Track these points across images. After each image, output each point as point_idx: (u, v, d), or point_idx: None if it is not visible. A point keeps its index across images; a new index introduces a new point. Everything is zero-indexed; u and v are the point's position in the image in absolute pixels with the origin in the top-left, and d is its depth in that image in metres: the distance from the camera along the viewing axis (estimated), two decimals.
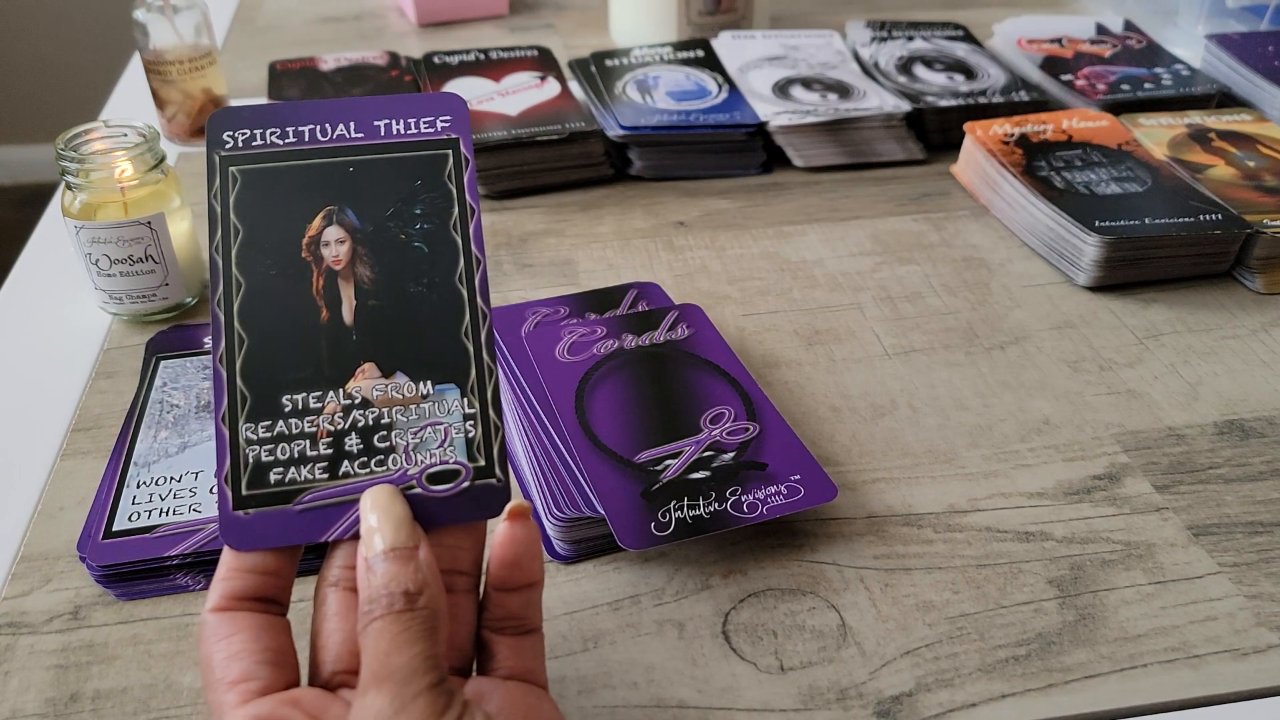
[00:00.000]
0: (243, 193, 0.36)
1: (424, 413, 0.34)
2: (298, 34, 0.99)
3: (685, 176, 0.74)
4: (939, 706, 0.38)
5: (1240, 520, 0.46)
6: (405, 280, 0.35)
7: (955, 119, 0.75)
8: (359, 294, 0.35)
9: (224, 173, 0.36)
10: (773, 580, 0.43)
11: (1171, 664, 0.40)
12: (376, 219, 0.36)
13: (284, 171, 0.36)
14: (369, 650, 0.29)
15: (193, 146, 0.77)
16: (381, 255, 0.35)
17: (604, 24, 1.01)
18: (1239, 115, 0.74)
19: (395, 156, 0.37)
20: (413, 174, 0.36)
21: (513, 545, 0.33)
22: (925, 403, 0.53)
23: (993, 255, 0.65)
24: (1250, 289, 0.62)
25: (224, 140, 0.36)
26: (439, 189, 0.36)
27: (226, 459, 0.33)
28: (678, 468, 0.44)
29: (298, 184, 0.36)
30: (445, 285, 0.35)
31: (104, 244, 0.54)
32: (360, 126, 0.37)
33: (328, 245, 0.35)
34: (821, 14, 1.05)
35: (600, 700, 0.38)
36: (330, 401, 0.34)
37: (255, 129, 0.37)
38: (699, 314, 0.53)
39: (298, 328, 0.34)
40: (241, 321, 0.34)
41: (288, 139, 0.37)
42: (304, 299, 0.35)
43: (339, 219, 0.36)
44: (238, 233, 0.35)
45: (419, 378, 0.34)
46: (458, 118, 0.37)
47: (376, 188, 0.36)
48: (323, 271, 0.35)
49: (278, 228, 0.35)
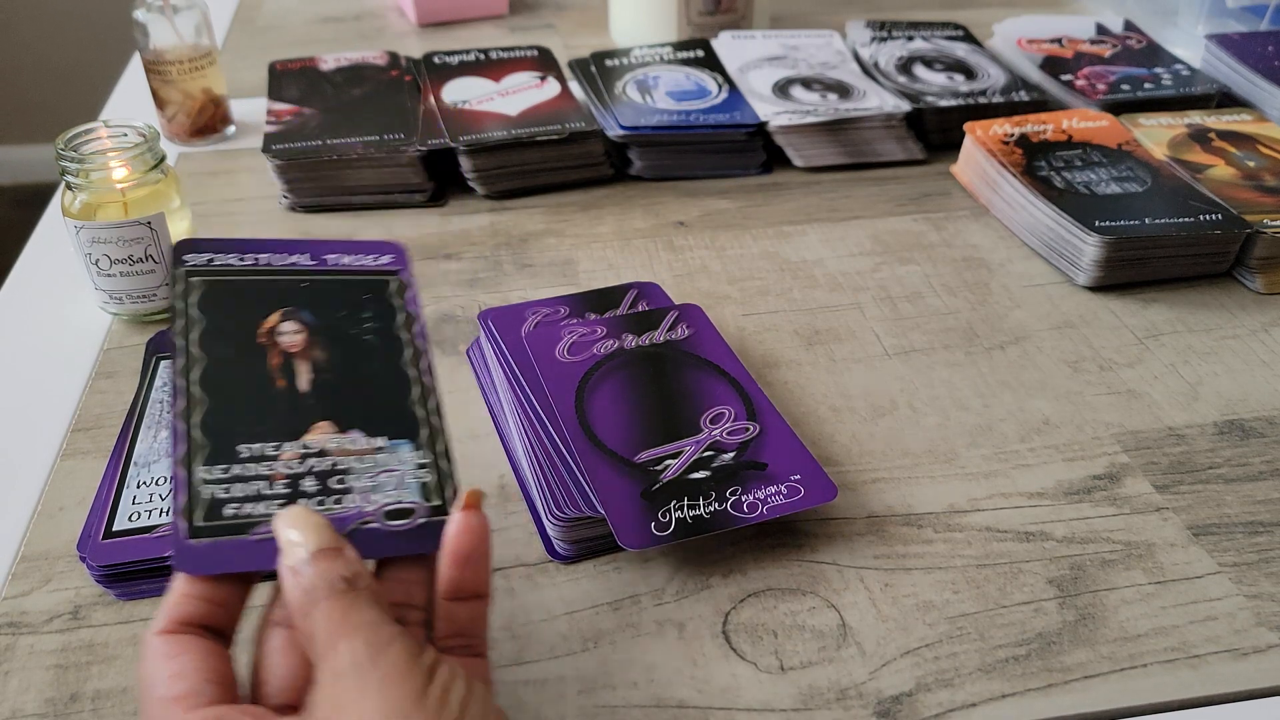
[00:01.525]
0: (205, 295, 0.39)
1: (379, 462, 0.37)
2: (298, 34, 0.99)
3: (685, 176, 0.74)
4: (939, 706, 0.38)
5: (1240, 520, 0.46)
6: (356, 361, 0.39)
7: (955, 119, 0.75)
8: (314, 369, 0.38)
9: (186, 281, 0.39)
10: (773, 580, 0.43)
11: (1171, 664, 0.40)
12: (329, 319, 0.40)
13: (243, 282, 0.40)
14: (321, 623, 0.30)
15: (193, 146, 0.77)
16: (334, 343, 0.39)
17: (604, 24, 1.01)
18: (1239, 115, 0.74)
19: (345, 278, 0.41)
20: (361, 290, 0.41)
21: (468, 535, 0.34)
22: (925, 403, 0.53)
23: (993, 255, 0.65)
24: (1250, 289, 0.62)
25: (185, 260, 0.40)
26: (384, 303, 0.41)
27: (183, 496, 0.34)
28: (678, 468, 0.44)
29: (256, 291, 0.40)
30: (393, 367, 0.39)
31: (104, 244, 0.54)
32: (313, 258, 0.41)
33: (284, 334, 0.39)
34: (821, 14, 1.05)
35: (600, 700, 0.38)
36: (287, 450, 0.36)
37: (215, 254, 0.40)
38: (699, 314, 0.53)
39: (254, 392, 0.37)
40: (201, 386, 0.37)
41: (244, 261, 0.41)
42: (261, 371, 0.38)
43: (295, 316, 0.39)
44: (199, 323, 0.38)
45: (373, 434, 0.37)
46: (399, 257, 0.42)
47: (328, 297, 0.40)
48: (279, 353, 0.38)
49: (236, 319, 0.39)
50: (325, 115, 0.73)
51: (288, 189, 0.69)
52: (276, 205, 0.70)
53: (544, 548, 0.44)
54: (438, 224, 0.68)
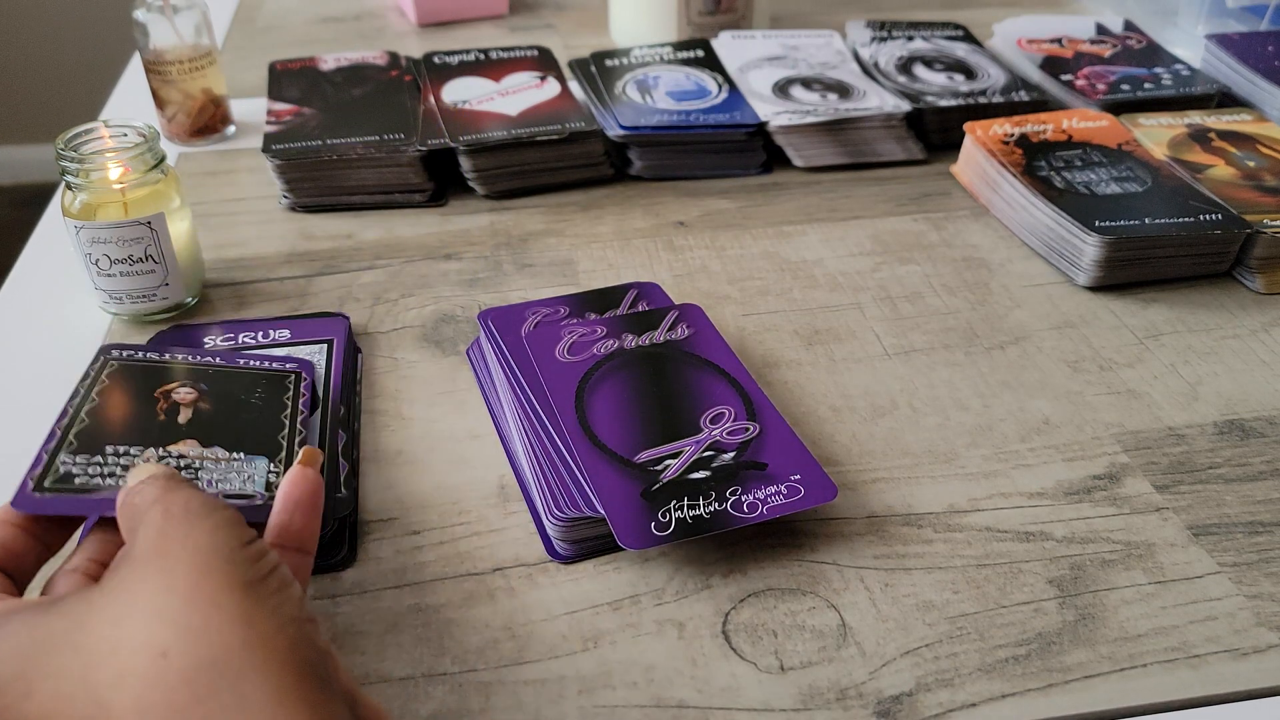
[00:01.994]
0: (117, 370, 0.46)
1: (232, 467, 0.42)
2: (298, 34, 0.99)
3: (685, 176, 0.74)
4: (939, 706, 0.38)
5: (1240, 520, 0.46)
6: (237, 412, 0.45)
7: (955, 119, 0.75)
8: (196, 413, 0.44)
9: (104, 364, 0.46)
10: (773, 580, 0.43)
11: (1171, 664, 0.40)
12: (223, 389, 0.46)
13: (155, 366, 0.47)
14: (149, 492, 0.33)
15: (193, 146, 0.77)
16: (221, 402, 0.45)
17: (604, 24, 1.01)
18: (1239, 115, 0.74)
19: (249, 371, 0.48)
20: (260, 378, 0.47)
21: (301, 482, 0.36)
22: (925, 403, 0.53)
23: (993, 255, 0.65)
24: (1250, 289, 0.62)
25: (111, 353, 0.46)
26: (280, 384, 0.47)
27: (39, 468, 0.39)
28: (678, 468, 0.44)
29: (164, 370, 0.46)
30: (270, 417, 0.45)
31: (104, 244, 0.54)
32: (226, 360, 0.48)
33: (177, 393, 0.45)
34: (821, 14, 1.05)
35: (600, 700, 0.38)
36: (147, 452, 0.41)
37: (140, 352, 0.47)
38: (699, 314, 0.53)
39: (133, 422, 0.43)
40: (88, 414, 0.42)
41: (164, 356, 0.47)
42: (145, 413, 0.43)
43: (192, 384, 0.46)
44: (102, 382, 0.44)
45: (234, 449, 0.42)
46: (305, 368, 0.49)
47: (229, 380, 0.47)
48: (168, 402, 0.44)
49: (138, 383, 0.45)
50: (325, 115, 0.73)
51: (287, 189, 0.69)
52: (276, 205, 0.70)
53: (544, 548, 0.44)
54: (438, 224, 0.68)
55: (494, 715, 0.37)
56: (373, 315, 0.59)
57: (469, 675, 0.39)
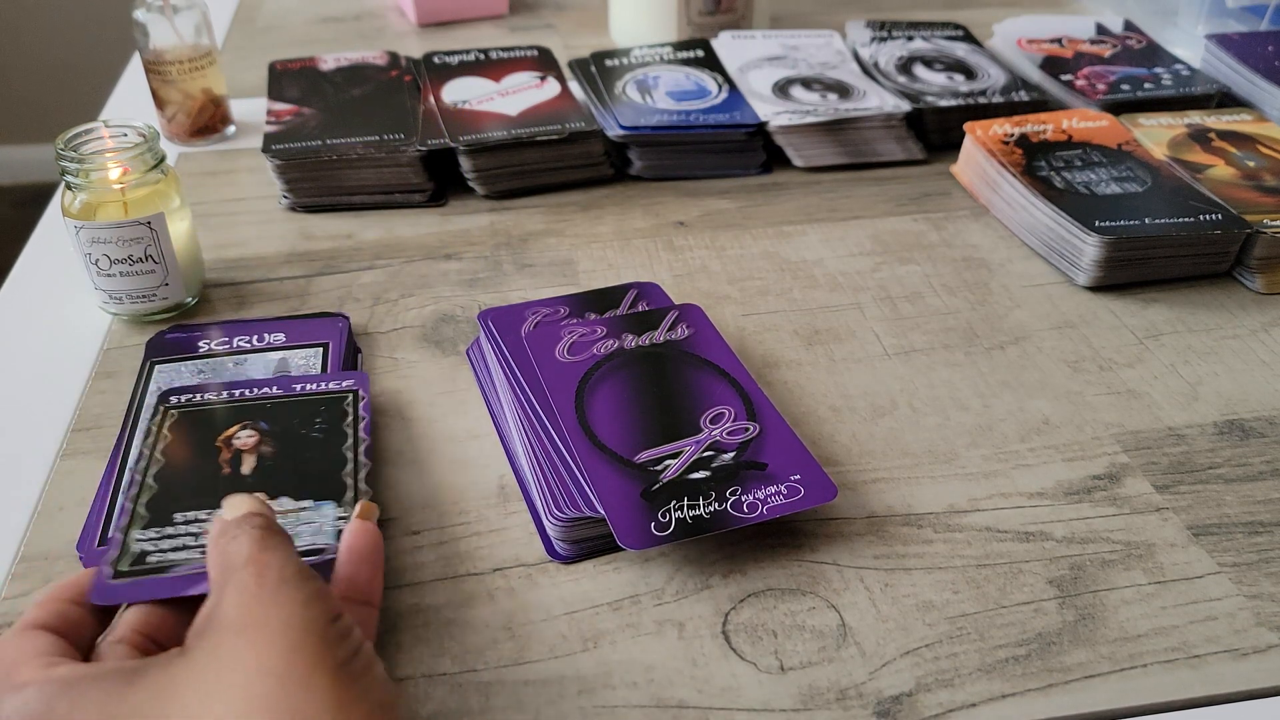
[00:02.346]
0: (176, 420, 0.45)
1: (300, 518, 0.41)
2: (298, 34, 0.99)
3: (685, 176, 0.74)
4: (939, 706, 0.38)
5: (1240, 520, 0.46)
6: (300, 450, 0.44)
7: (955, 119, 0.75)
8: (259, 460, 0.43)
9: (164, 417, 0.45)
10: (773, 580, 0.43)
11: (1171, 664, 0.40)
12: (284, 424, 0.45)
13: (214, 409, 0.46)
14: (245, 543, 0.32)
15: (193, 146, 0.77)
16: (284, 441, 0.44)
17: (604, 24, 1.01)
18: (1239, 115, 0.74)
19: (308, 398, 0.47)
20: (319, 405, 0.47)
21: (362, 534, 0.37)
22: (925, 403, 0.53)
23: (993, 255, 0.65)
24: (1250, 289, 0.62)
25: (169, 400, 0.46)
26: (337, 410, 0.46)
27: (115, 551, 0.38)
28: (678, 468, 0.44)
29: (224, 414, 0.46)
30: (333, 451, 0.44)
31: (104, 244, 0.54)
32: (283, 389, 0.47)
33: (239, 438, 0.44)
34: (821, 14, 1.05)
35: (600, 700, 0.38)
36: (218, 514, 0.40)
37: (197, 394, 0.47)
38: (699, 314, 0.53)
39: (199, 477, 0.42)
40: (156, 478, 0.42)
41: (221, 395, 0.47)
42: (210, 467, 0.43)
43: (253, 425, 0.45)
44: (166, 438, 0.44)
45: (300, 498, 0.42)
46: (360, 380, 0.48)
47: (288, 411, 0.46)
48: (231, 451, 0.44)
49: (201, 433, 0.44)
50: (325, 115, 0.73)
51: (287, 189, 0.69)
52: (276, 205, 0.70)
53: (544, 548, 0.44)
54: (438, 224, 0.68)
55: (494, 715, 0.37)
56: (373, 315, 0.59)
57: (469, 675, 0.39)
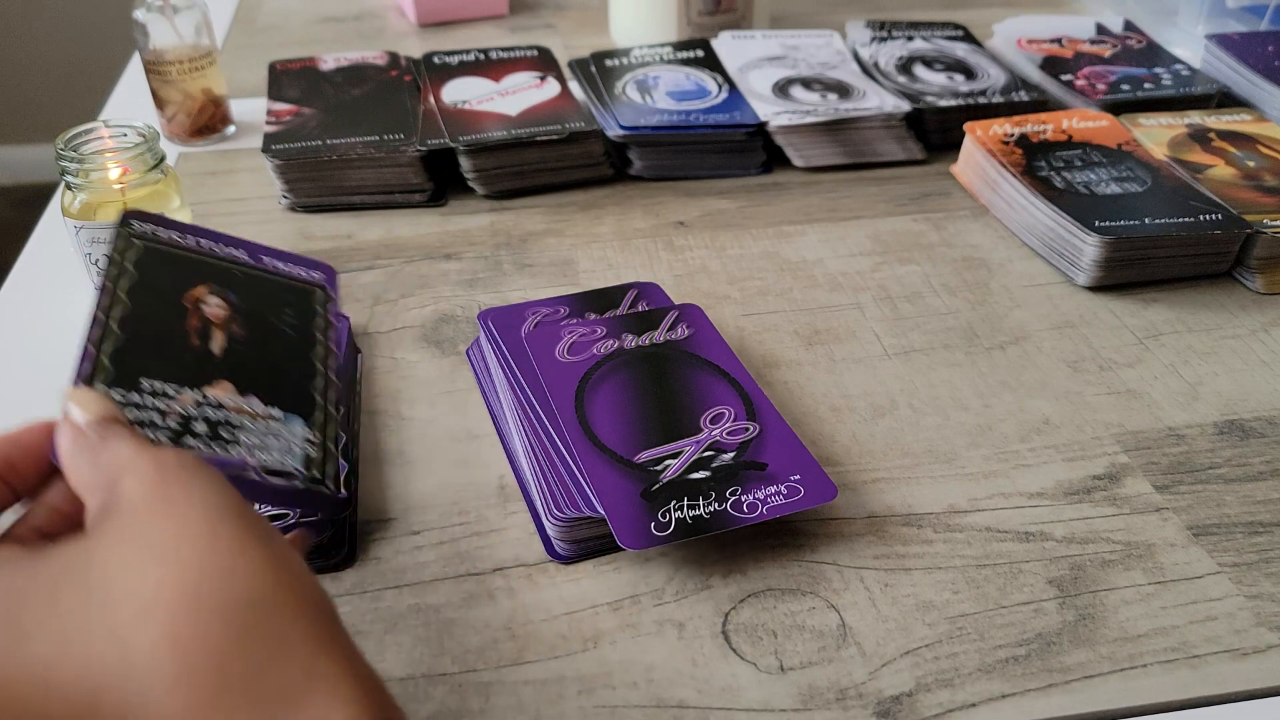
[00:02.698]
0: (142, 256, 0.41)
1: (270, 428, 0.39)
2: (298, 34, 0.99)
3: (685, 176, 0.74)
4: (939, 706, 0.38)
5: (1240, 520, 0.46)
6: (269, 343, 0.42)
7: (955, 119, 0.75)
8: (229, 339, 0.41)
9: (128, 240, 0.42)
10: (773, 580, 0.43)
11: (1171, 664, 0.40)
12: (253, 304, 0.43)
13: (180, 255, 0.43)
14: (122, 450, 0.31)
15: (193, 146, 0.77)
16: (253, 324, 0.42)
17: (604, 24, 1.01)
18: (1239, 115, 0.74)
19: (276, 278, 0.45)
20: (287, 291, 0.44)
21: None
22: (925, 403, 0.53)
23: (993, 255, 0.65)
24: (1250, 289, 0.62)
25: (131, 224, 0.42)
26: (307, 307, 0.44)
27: None
28: (678, 468, 0.44)
29: (190, 264, 0.42)
30: (303, 357, 0.42)
31: (104, 244, 0.54)
32: (250, 255, 0.45)
33: (208, 304, 0.41)
34: (821, 14, 1.05)
35: (600, 700, 0.38)
36: (185, 394, 0.38)
37: (161, 228, 0.43)
38: (699, 314, 0.53)
39: (168, 341, 0.39)
40: (119, 325, 0.38)
41: (186, 240, 0.43)
42: (178, 327, 0.40)
43: (221, 294, 0.42)
44: (130, 275, 0.40)
45: (270, 403, 0.39)
46: (329, 276, 0.47)
47: (256, 288, 0.43)
48: (199, 318, 0.41)
49: (167, 280, 0.41)
50: (325, 115, 0.73)
51: (287, 189, 0.69)
52: (276, 205, 0.70)
53: (544, 548, 0.44)
54: (438, 224, 0.68)
55: (494, 715, 0.37)
56: (373, 315, 0.59)
57: (469, 675, 0.39)
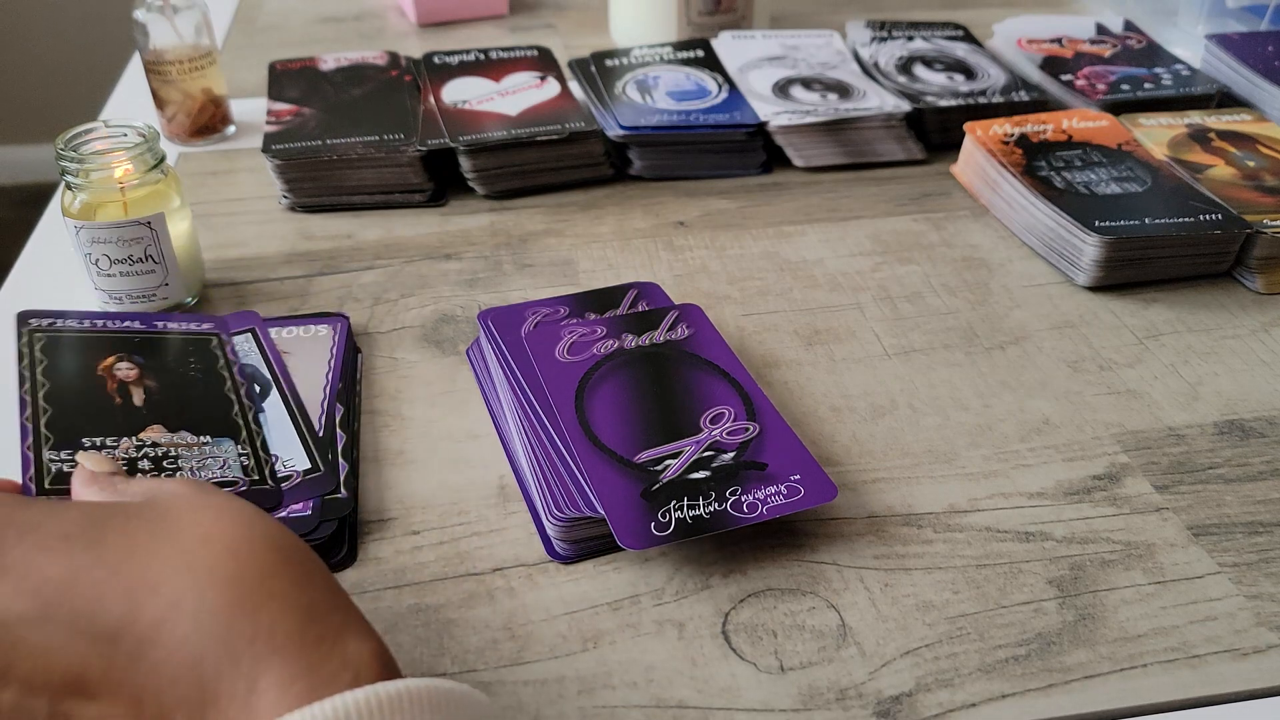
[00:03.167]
0: (45, 344, 0.47)
1: (205, 452, 0.44)
2: (298, 34, 0.99)
3: (685, 176, 0.74)
4: (939, 706, 0.38)
5: (1240, 520, 0.46)
6: (183, 388, 0.47)
7: (955, 119, 0.75)
8: (146, 393, 0.46)
9: (30, 336, 0.48)
10: (773, 580, 0.43)
11: (1171, 664, 0.40)
12: (159, 362, 0.48)
13: (81, 337, 0.48)
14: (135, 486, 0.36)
15: (193, 146, 0.77)
16: (164, 376, 0.47)
17: (604, 24, 1.01)
18: (1239, 115, 0.74)
19: (172, 335, 0.50)
20: (186, 344, 0.50)
21: None
22: (925, 403, 0.53)
23: (993, 255, 0.65)
24: (1250, 289, 0.62)
25: (30, 322, 0.48)
26: (206, 353, 0.50)
27: (32, 469, 0.41)
28: (678, 468, 0.44)
29: (93, 343, 0.48)
30: (215, 392, 0.47)
31: (104, 244, 0.54)
32: (144, 324, 0.51)
33: (119, 369, 0.47)
34: (821, 14, 1.05)
35: (600, 700, 0.38)
36: (124, 441, 0.43)
37: (60, 319, 0.49)
38: (699, 314, 0.53)
39: (94, 407, 0.44)
40: (46, 400, 0.44)
41: (84, 324, 0.49)
42: (100, 395, 0.45)
43: (128, 358, 0.48)
44: (41, 361, 0.46)
45: (200, 433, 0.45)
46: (219, 324, 0.52)
47: (158, 347, 0.49)
48: (116, 382, 0.46)
49: (76, 359, 0.47)
50: (325, 115, 0.73)
51: (287, 189, 0.69)
52: (276, 205, 0.70)
53: (544, 548, 0.44)
54: (438, 224, 0.68)
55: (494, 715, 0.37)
56: (373, 315, 0.59)
57: (469, 675, 0.39)
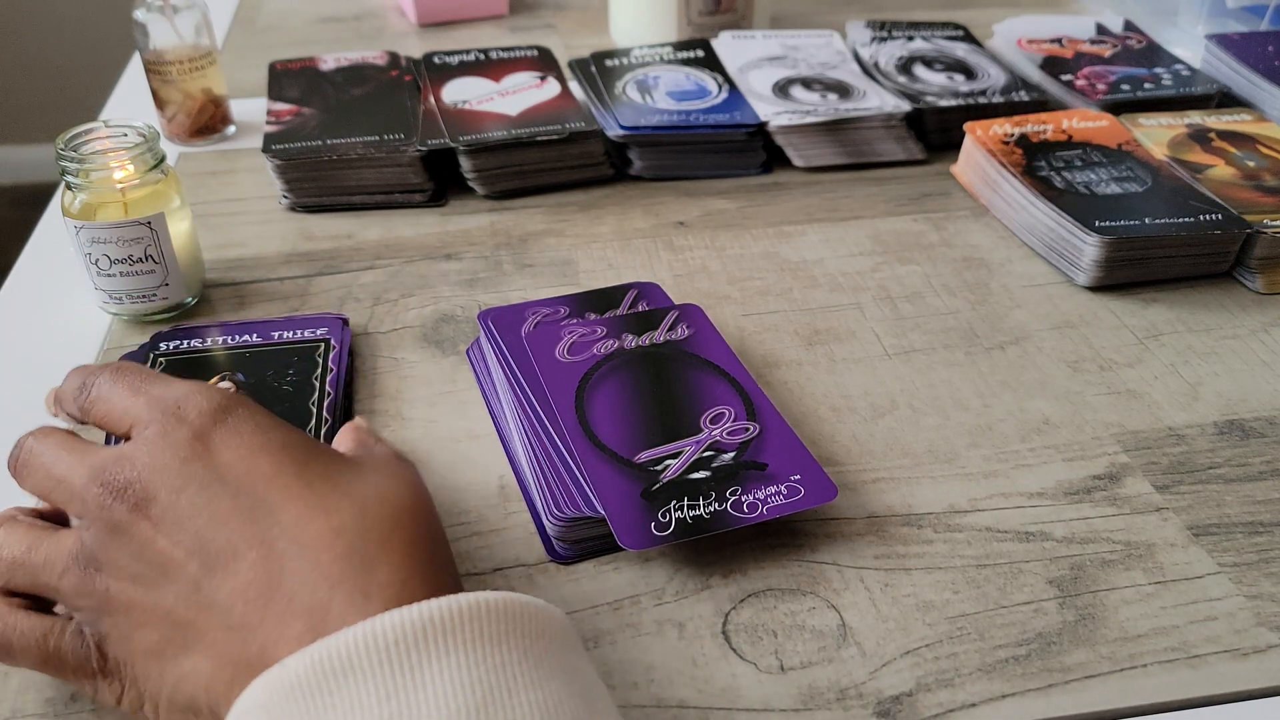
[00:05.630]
0: (168, 368, 0.50)
1: None
2: (298, 34, 0.99)
3: (685, 176, 0.74)
4: (939, 706, 0.38)
5: (1240, 520, 0.46)
6: (271, 404, 0.48)
7: (955, 119, 0.75)
8: None
9: (154, 361, 0.51)
10: (773, 580, 0.43)
11: (1171, 664, 0.40)
12: (259, 376, 0.50)
13: (198, 358, 0.52)
14: None
15: (193, 146, 0.77)
16: (259, 392, 0.49)
17: (604, 24, 1.01)
18: (1239, 115, 0.74)
19: (280, 348, 0.52)
20: (290, 355, 0.52)
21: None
22: (925, 403, 0.53)
23: (993, 255, 0.65)
24: (1250, 289, 0.62)
25: (159, 345, 0.52)
26: (309, 359, 0.52)
27: None
28: (678, 468, 0.44)
29: (207, 362, 0.51)
30: (300, 405, 0.49)
31: (104, 244, 0.54)
32: (261, 335, 0.53)
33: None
34: (821, 14, 1.05)
35: None
36: None
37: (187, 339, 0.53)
38: (699, 314, 0.53)
39: None
40: None
41: (206, 342, 0.53)
42: None
43: (230, 377, 0.50)
44: None
45: None
46: (334, 329, 0.54)
47: (264, 360, 0.51)
48: None
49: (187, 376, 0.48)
50: (325, 115, 0.73)
51: (287, 189, 0.69)
52: (276, 205, 0.70)
53: (544, 548, 0.44)
54: (438, 224, 0.68)
55: None
56: (373, 315, 0.59)
57: None
